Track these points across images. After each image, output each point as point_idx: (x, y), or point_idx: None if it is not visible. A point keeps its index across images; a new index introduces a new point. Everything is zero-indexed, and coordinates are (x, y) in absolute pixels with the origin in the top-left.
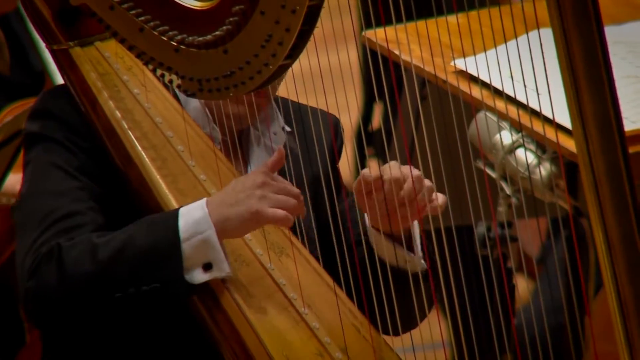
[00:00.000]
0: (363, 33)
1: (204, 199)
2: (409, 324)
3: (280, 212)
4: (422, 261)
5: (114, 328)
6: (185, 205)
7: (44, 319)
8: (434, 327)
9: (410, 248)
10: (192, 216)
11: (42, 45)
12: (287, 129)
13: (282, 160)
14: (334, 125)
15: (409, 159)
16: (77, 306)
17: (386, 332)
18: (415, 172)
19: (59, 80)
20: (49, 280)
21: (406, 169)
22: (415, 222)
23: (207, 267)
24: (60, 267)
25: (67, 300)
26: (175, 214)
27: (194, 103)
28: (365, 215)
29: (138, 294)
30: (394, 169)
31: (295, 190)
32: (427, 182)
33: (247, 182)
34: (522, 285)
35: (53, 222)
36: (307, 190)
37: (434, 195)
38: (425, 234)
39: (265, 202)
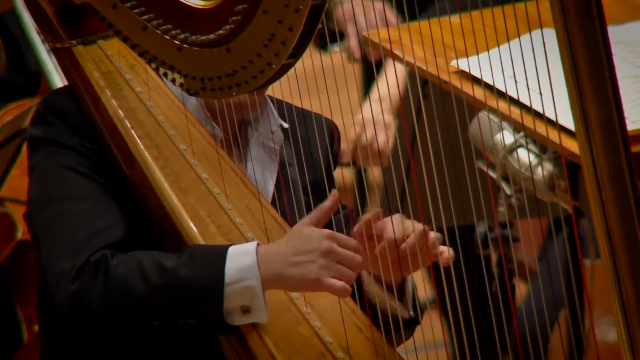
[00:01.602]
0: (364, 33)
1: (255, 244)
2: (411, 333)
3: (339, 284)
4: (412, 312)
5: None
6: (235, 245)
7: (80, 324)
8: (434, 327)
9: (402, 294)
10: (240, 261)
11: (37, 45)
12: (285, 125)
13: (334, 208)
14: (332, 132)
15: (410, 158)
16: (114, 324)
17: (390, 343)
18: (419, 226)
19: (55, 80)
20: (93, 291)
21: (409, 223)
22: (409, 276)
23: (246, 310)
24: (107, 282)
25: (107, 316)
26: (223, 254)
27: (193, 101)
28: None
29: (173, 325)
30: (396, 225)
31: (358, 258)
32: (432, 234)
33: (312, 243)
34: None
35: (85, 226)
36: (309, 193)
37: (440, 247)
38: None
39: (326, 272)
